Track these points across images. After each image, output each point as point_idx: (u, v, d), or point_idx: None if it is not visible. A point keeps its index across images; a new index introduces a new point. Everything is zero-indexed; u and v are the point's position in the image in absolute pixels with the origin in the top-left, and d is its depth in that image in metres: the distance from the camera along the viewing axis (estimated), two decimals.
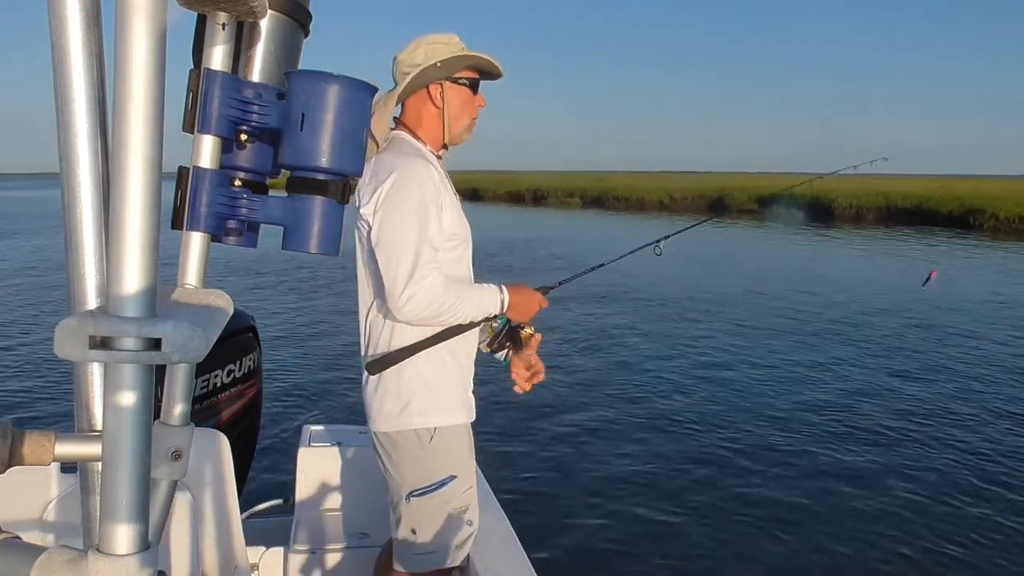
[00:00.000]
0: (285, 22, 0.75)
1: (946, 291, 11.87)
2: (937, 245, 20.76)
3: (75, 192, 0.64)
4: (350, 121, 0.70)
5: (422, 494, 1.88)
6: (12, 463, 0.62)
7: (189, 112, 0.69)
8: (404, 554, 1.92)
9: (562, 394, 6.44)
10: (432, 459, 1.89)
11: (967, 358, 7.94)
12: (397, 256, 1.76)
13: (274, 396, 6.06)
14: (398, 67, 1.92)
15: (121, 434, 0.54)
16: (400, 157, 1.84)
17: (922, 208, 29.03)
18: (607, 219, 24.64)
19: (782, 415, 6.08)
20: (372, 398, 1.91)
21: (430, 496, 1.88)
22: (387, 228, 1.77)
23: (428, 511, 1.89)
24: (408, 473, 1.89)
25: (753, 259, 17.60)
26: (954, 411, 6.22)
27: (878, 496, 4.60)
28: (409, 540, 1.90)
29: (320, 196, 0.71)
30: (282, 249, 0.74)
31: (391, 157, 1.84)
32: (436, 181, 1.83)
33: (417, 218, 1.77)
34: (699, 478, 4.86)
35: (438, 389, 1.90)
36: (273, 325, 8.90)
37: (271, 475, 4.27)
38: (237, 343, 2.69)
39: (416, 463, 1.89)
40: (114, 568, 0.54)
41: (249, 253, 10.82)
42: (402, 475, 1.90)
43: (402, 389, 1.87)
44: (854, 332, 9.15)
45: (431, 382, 1.89)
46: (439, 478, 1.89)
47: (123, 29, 0.50)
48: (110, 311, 0.52)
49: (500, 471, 1.97)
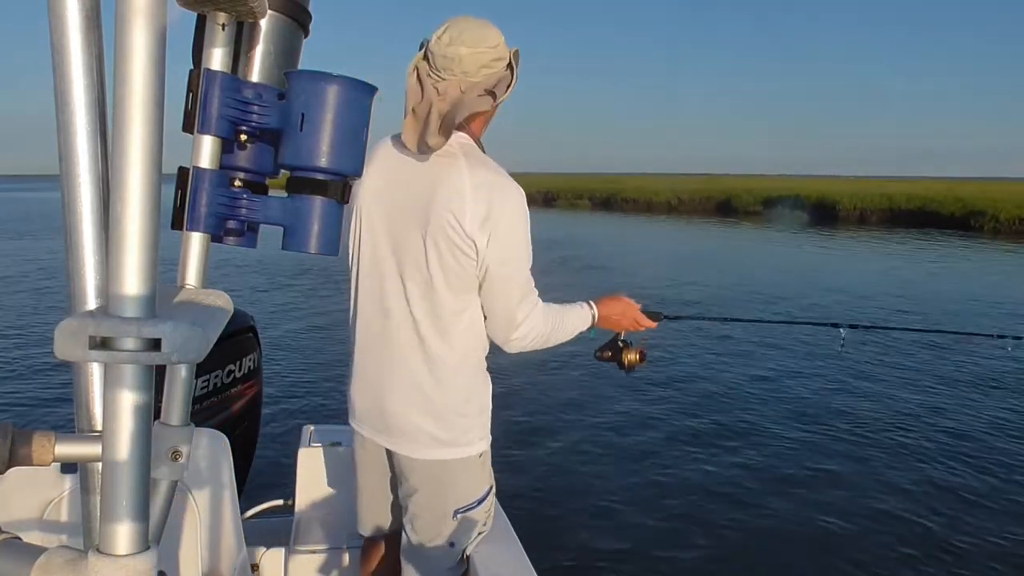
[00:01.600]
0: (285, 22, 0.75)
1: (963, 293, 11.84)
2: (942, 246, 20.78)
3: (75, 192, 0.64)
4: (350, 121, 0.70)
5: (467, 509, 1.82)
6: (12, 463, 0.62)
7: (189, 112, 0.69)
8: (438, 566, 1.84)
9: (564, 393, 6.45)
10: (480, 475, 1.84)
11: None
12: (517, 281, 1.70)
13: (274, 396, 6.06)
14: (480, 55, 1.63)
15: (121, 434, 0.54)
16: (502, 176, 1.69)
17: (924, 210, 29.32)
18: (616, 220, 24.71)
19: (784, 421, 6.09)
20: (413, 420, 1.75)
21: (476, 510, 1.84)
22: (508, 252, 1.67)
23: (469, 524, 1.85)
24: (454, 493, 1.81)
25: (759, 260, 17.57)
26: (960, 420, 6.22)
27: (892, 505, 4.60)
28: (444, 554, 1.83)
29: (320, 196, 0.71)
30: (282, 249, 0.74)
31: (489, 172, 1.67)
32: None
33: (528, 246, 1.72)
34: (702, 482, 4.86)
35: (488, 408, 1.83)
36: (273, 325, 8.90)
37: (271, 475, 4.26)
38: (237, 343, 2.69)
39: (466, 483, 1.81)
40: (114, 568, 0.54)
41: (249, 253, 10.84)
42: (448, 494, 1.81)
43: (464, 412, 1.77)
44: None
45: (485, 405, 1.82)
46: (484, 491, 1.85)
47: (123, 30, 0.50)
48: (110, 311, 0.52)
49: (500, 471, 1.96)
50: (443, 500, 1.81)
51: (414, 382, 1.74)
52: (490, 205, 1.63)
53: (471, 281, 1.69)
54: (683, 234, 25.77)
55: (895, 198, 31.33)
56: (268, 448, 4.66)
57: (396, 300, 1.73)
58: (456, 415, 1.76)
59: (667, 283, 12.48)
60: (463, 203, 1.63)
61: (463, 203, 1.63)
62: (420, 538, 1.84)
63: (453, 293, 1.69)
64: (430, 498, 1.81)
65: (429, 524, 1.83)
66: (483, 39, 1.64)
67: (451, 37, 1.63)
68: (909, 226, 27.22)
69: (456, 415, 1.76)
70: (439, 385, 1.73)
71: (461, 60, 1.62)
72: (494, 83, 1.67)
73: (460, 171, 1.64)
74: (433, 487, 1.80)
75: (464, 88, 1.64)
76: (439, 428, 1.75)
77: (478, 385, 1.80)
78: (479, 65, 1.64)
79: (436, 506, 1.81)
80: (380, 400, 1.79)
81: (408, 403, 1.75)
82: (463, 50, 1.62)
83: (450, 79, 1.64)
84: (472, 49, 1.62)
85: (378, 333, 1.78)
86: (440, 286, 1.68)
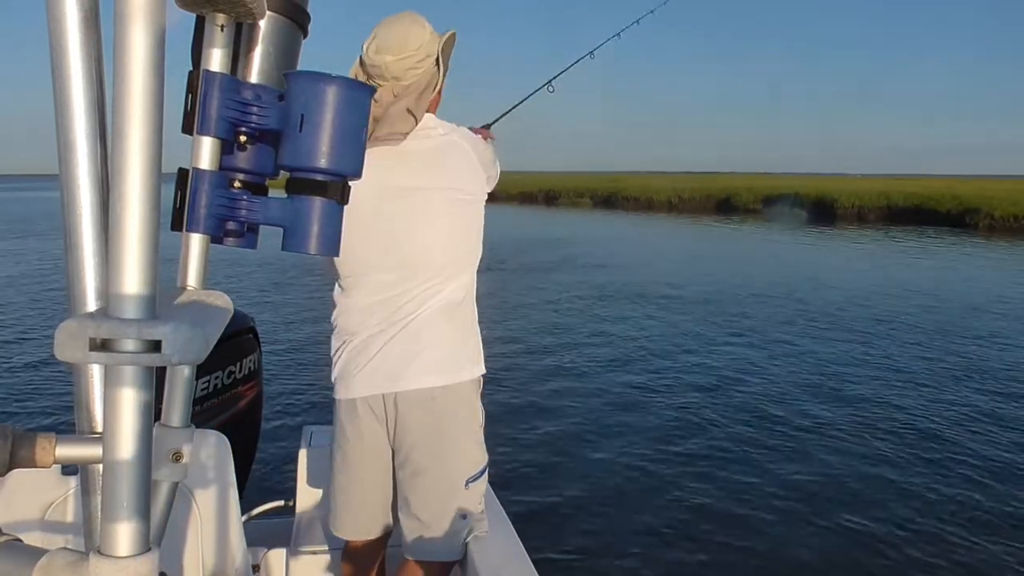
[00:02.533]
0: (284, 23, 0.75)
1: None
2: (936, 243, 20.79)
3: (74, 193, 0.64)
4: (349, 121, 0.70)
5: (476, 478, 1.84)
6: (13, 465, 0.62)
7: (188, 113, 0.69)
8: (451, 544, 1.82)
9: (564, 390, 6.44)
10: (478, 434, 1.86)
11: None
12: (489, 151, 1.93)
13: (275, 397, 6.06)
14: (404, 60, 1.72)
15: (122, 436, 0.54)
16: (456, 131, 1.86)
17: (922, 208, 29.43)
18: (617, 219, 24.95)
19: (781, 415, 6.09)
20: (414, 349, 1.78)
21: (481, 479, 1.85)
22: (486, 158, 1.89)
23: (478, 495, 1.86)
24: (463, 452, 1.82)
25: (758, 258, 17.59)
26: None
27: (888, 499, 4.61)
28: (459, 528, 1.81)
29: (319, 197, 0.71)
30: (282, 250, 0.74)
31: (449, 132, 1.84)
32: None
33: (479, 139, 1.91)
34: (703, 477, 4.86)
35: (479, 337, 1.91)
36: (273, 326, 8.90)
37: (272, 476, 4.27)
38: (237, 344, 2.69)
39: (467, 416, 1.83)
40: (115, 570, 0.54)
41: (249, 254, 10.83)
42: (458, 455, 1.82)
43: (462, 330, 1.83)
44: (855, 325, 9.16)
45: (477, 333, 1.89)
46: (486, 458, 1.87)
47: (122, 30, 0.50)
48: (110, 313, 0.52)
49: (497, 466, 1.96)
50: (455, 460, 1.81)
51: (417, 330, 1.79)
52: (469, 157, 1.81)
53: (477, 226, 1.85)
54: (683, 232, 25.87)
55: (893, 196, 31.43)
56: (269, 449, 4.66)
57: (400, 272, 1.79)
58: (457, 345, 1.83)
59: (667, 279, 12.49)
60: (457, 168, 1.80)
61: (457, 168, 1.80)
62: (428, 512, 1.82)
63: (455, 247, 1.82)
64: (436, 438, 1.80)
65: (440, 493, 1.82)
66: (404, 44, 1.71)
67: (376, 46, 1.72)
68: (907, 223, 27.40)
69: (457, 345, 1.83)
70: (439, 328, 1.80)
71: (387, 67, 1.71)
72: (424, 83, 1.75)
73: (457, 144, 1.81)
74: (438, 422, 1.80)
75: (397, 92, 1.73)
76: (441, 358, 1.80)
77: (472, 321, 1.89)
78: (405, 68, 1.72)
79: (448, 466, 1.81)
80: (384, 356, 1.81)
81: (410, 344, 1.79)
82: (388, 58, 1.71)
83: (383, 85, 1.73)
84: (396, 56, 1.71)
85: (381, 304, 1.82)
86: (445, 247, 1.80)
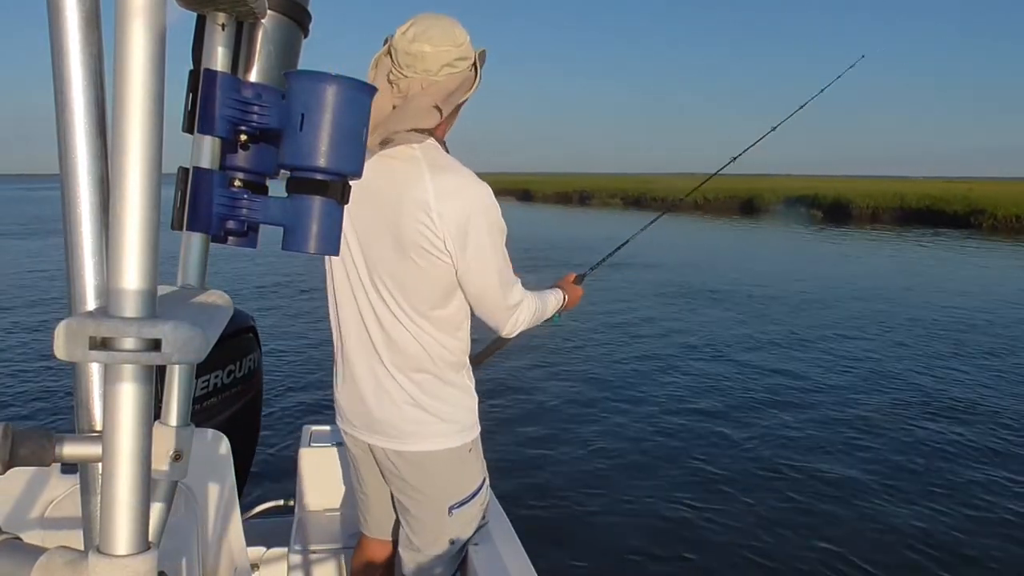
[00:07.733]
0: (284, 22, 0.75)
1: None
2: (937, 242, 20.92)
3: (75, 192, 0.64)
4: (350, 121, 0.70)
5: (462, 504, 1.83)
6: (12, 464, 0.61)
7: (189, 112, 0.69)
8: (438, 565, 1.84)
9: (565, 389, 6.45)
10: (472, 467, 1.84)
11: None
12: (498, 278, 1.70)
13: (274, 397, 6.07)
14: (443, 53, 1.60)
15: (121, 435, 0.54)
16: (463, 178, 1.66)
17: (932, 209, 30.48)
18: (647, 218, 25.56)
19: (784, 415, 6.09)
20: (396, 415, 1.75)
21: (471, 504, 1.84)
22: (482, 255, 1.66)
23: (467, 519, 1.85)
24: (447, 487, 1.81)
25: (779, 254, 17.65)
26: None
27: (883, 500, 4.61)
28: (446, 552, 1.84)
29: (320, 196, 0.71)
30: (282, 249, 0.74)
31: (450, 177, 1.64)
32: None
33: (499, 240, 1.70)
34: (705, 476, 4.86)
35: (473, 400, 1.84)
36: (273, 325, 8.91)
37: (272, 476, 4.27)
38: (237, 343, 2.68)
39: (456, 475, 1.82)
40: (115, 569, 0.54)
41: (249, 253, 10.85)
42: (440, 490, 1.81)
43: (449, 401, 1.77)
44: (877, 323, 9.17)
45: (469, 396, 1.82)
46: (477, 484, 1.85)
47: (122, 29, 0.50)
48: (110, 312, 0.52)
49: (496, 468, 1.96)
50: (436, 494, 1.80)
51: (396, 381, 1.74)
52: (456, 214, 1.61)
53: (449, 281, 1.68)
54: (708, 231, 26.59)
55: (906, 197, 32.79)
56: (269, 448, 4.67)
57: (374, 303, 1.73)
58: (439, 408, 1.75)
59: (694, 273, 12.50)
60: (429, 214, 1.60)
61: (429, 214, 1.60)
62: (420, 539, 1.84)
63: (430, 292, 1.69)
64: (422, 493, 1.81)
65: (427, 523, 1.83)
66: (448, 37, 1.61)
67: (415, 33, 1.60)
68: (917, 224, 28.28)
69: (439, 408, 1.75)
70: (422, 382, 1.74)
71: (424, 58, 1.60)
72: (456, 84, 1.64)
73: (423, 180, 1.61)
74: (423, 481, 1.79)
75: (425, 86, 1.61)
76: (423, 420, 1.75)
77: (461, 380, 1.80)
78: (441, 64, 1.61)
79: (430, 502, 1.81)
80: (364, 400, 1.79)
81: (391, 401, 1.75)
82: (427, 48, 1.59)
83: (412, 77, 1.61)
84: (436, 48, 1.60)
85: (357, 335, 1.78)
86: (417, 288, 1.68)
